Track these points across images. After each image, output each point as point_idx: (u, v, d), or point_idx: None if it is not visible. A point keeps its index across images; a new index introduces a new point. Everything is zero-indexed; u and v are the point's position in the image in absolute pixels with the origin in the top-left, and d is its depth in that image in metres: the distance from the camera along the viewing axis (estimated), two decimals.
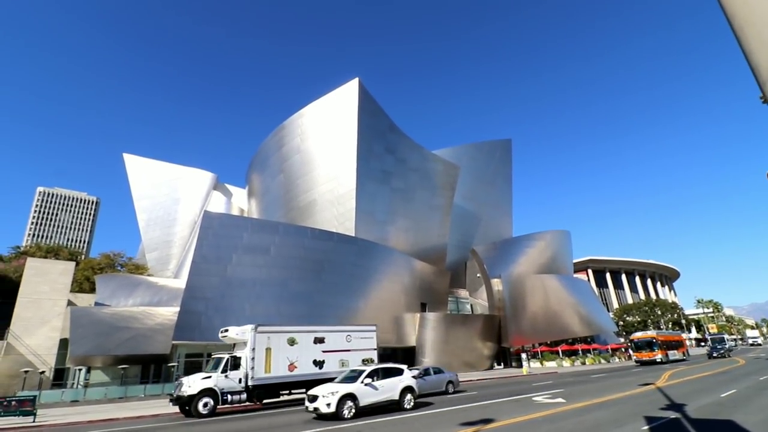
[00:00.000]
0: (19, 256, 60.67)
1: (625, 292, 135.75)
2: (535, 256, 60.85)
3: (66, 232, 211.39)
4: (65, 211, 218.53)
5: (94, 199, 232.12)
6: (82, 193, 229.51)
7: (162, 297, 46.11)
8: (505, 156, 79.76)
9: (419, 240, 54.31)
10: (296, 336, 22.67)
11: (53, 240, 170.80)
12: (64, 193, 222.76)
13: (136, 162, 70.48)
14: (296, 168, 52.68)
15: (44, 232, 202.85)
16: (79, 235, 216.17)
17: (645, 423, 11.88)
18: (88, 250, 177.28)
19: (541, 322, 53.82)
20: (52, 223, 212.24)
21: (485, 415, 14.51)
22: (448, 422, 13.62)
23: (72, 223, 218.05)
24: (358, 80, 49.02)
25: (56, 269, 40.39)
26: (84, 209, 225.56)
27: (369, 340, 26.09)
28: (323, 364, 23.08)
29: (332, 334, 24.37)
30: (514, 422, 12.96)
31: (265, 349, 21.24)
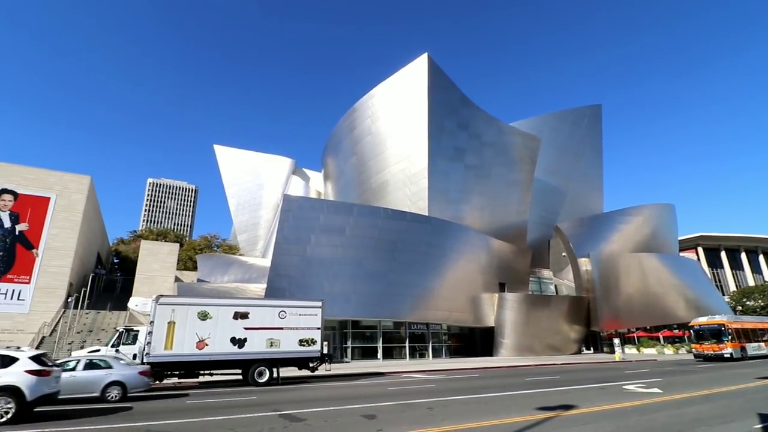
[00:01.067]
0: (136, 239, 69.69)
1: (745, 272, 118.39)
2: (631, 233, 55.15)
3: (172, 217, 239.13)
4: (171, 198, 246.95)
5: (193, 187, 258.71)
6: (183, 182, 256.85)
7: (252, 274, 49.90)
8: (594, 124, 72.65)
9: (496, 218, 51.98)
10: (210, 309, 19.81)
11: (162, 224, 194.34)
12: (169, 183, 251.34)
13: (225, 152, 76.48)
14: (368, 149, 53.00)
15: (155, 218, 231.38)
16: (183, 220, 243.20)
17: (759, 421, 9.90)
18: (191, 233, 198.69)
19: (638, 306, 48.90)
20: (161, 209, 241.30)
21: (566, 400, 13.34)
22: (523, 405, 12.73)
23: (177, 209, 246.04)
24: (427, 55, 47.40)
25: (164, 250, 45.64)
26: (186, 196, 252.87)
27: (311, 317, 22.25)
28: (244, 343, 19.94)
29: (259, 308, 21.12)
30: (597, 410, 11.70)
31: (168, 323, 18.77)
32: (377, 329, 38.05)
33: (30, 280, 36.66)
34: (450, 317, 40.67)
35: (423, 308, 38.42)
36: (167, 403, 14.98)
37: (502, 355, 41.74)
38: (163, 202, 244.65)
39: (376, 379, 23.28)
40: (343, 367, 30.53)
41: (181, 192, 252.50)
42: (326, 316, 34.95)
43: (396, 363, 34.44)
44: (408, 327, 39.02)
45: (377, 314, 36.84)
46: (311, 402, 14.16)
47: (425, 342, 40.16)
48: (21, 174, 38.40)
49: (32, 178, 38.62)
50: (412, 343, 39.18)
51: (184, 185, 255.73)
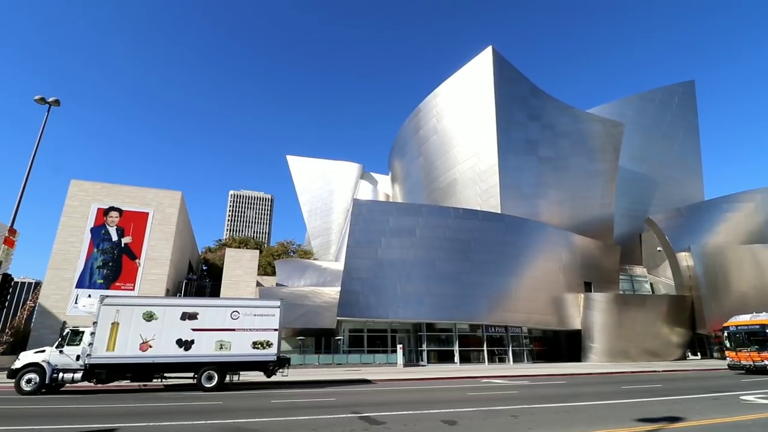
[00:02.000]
0: (221, 247, 75.45)
1: None
2: (740, 222, 48.34)
3: (252, 226, 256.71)
4: (250, 208, 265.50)
5: (270, 196, 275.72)
6: (260, 193, 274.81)
7: (326, 278, 51.46)
8: (687, 103, 65.08)
9: (577, 212, 48.38)
10: (156, 310, 18.96)
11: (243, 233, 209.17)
12: (248, 194, 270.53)
13: (297, 161, 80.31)
14: (434, 149, 52.26)
15: (236, 227, 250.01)
16: (262, 228, 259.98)
17: None
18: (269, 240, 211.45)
19: (754, 304, 42.21)
20: (242, 219, 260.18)
21: (671, 412, 11.66)
22: (621, 416, 11.29)
23: (255, 218, 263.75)
24: (491, 48, 45.76)
25: (246, 257, 48.73)
26: (263, 205, 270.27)
27: (268, 318, 20.41)
28: (191, 345, 18.82)
29: (209, 309, 19.86)
30: (710, 423, 10.03)
31: (111, 323, 18.14)
32: (453, 332, 37.07)
33: (134, 287, 40.92)
34: (530, 319, 38.45)
35: (500, 310, 36.73)
36: (253, 401, 15.62)
37: (591, 361, 38.54)
38: (243, 211, 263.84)
39: (454, 383, 22.44)
40: (410, 372, 30.09)
41: (259, 202, 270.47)
42: (399, 318, 35.40)
43: (474, 367, 33.21)
44: (485, 330, 37.50)
45: (452, 316, 35.88)
46: (391, 405, 13.89)
47: (504, 346, 38.30)
48: (124, 193, 43.24)
49: (133, 196, 43.30)
50: (490, 347, 37.56)
51: (261, 195, 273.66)
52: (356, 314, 33.97)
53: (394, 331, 37.96)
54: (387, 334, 37.72)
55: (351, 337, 37.38)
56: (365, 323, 36.84)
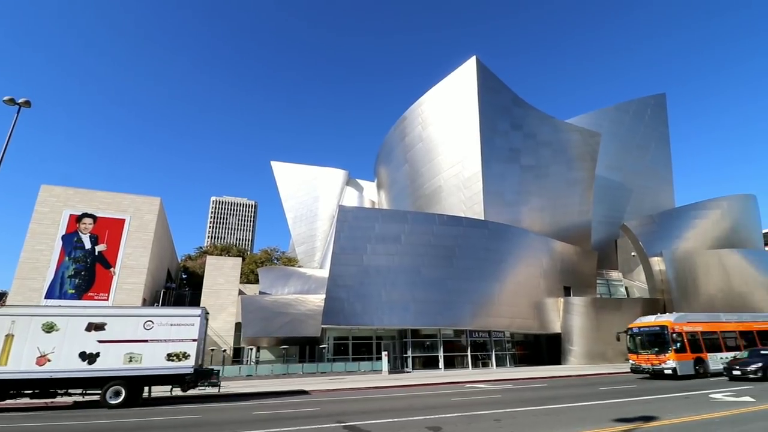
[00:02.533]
0: (202, 255, 74.44)
1: None
2: (708, 229, 50.58)
3: (234, 233, 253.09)
4: (232, 214, 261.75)
5: (253, 203, 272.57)
6: (244, 199, 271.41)
7: (311, 286, 51.48)
8: (659, 115, 67.69)
9: (557, 219, 49.82)
10: (58, 320, 17.40)
11: (225, 240, 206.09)
12: (230, 200, 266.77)
13: (281, 167, 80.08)
14: (420, 156, 53.06)
15: (218, 234, 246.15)
16: (245, 235, 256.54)
17: None
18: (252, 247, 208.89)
19: (721, 306, 44.40)
20: (224, 225, 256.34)
21: (646, 411, 12.53)
22: (598, 417, 12.04)
23: (238, 225, 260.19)
24: (475, 58, 46.90)
25: (228, 264, 48.30)
26: (246, 212, 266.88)
27: (186, 328, 18.92)
28: (96, 358, 17.33)
29: (119, 318, 18.30)
30: (681, 422, 10.86)
31: (5, 336, 16.82)
32: (437, 338, 37.68)
33: (108, 297, 39.58)
34: (513, 324, 39.37)
35: (484, 315, 37.54)
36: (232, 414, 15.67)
37: (571, 363, 39.67)
38: (225, 218, 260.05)
39: (439, 389, 22.98)
40: (395, 379, 30.49)
41: (241, 208, 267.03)
42: (384, 325, 35.81)
43: (458, 372, 33.85)
44: (469, 335, 38.24)
45: (436, 322, 36.49)
46: (376, 413, 14.28)
47: (488, 350, 39.10)
48: (99, 199, 42.15)
49: (109, 202, 42.21)
50: (474, 352, 38.32)
51: (244, 201, 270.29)
52: (341, 322, 34.23)
53: (380, 338, 38.36)
54: (372, 342, 38.08)
55: (336, 345, 37.61)
56: (350, 331, 37.14)
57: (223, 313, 43.85)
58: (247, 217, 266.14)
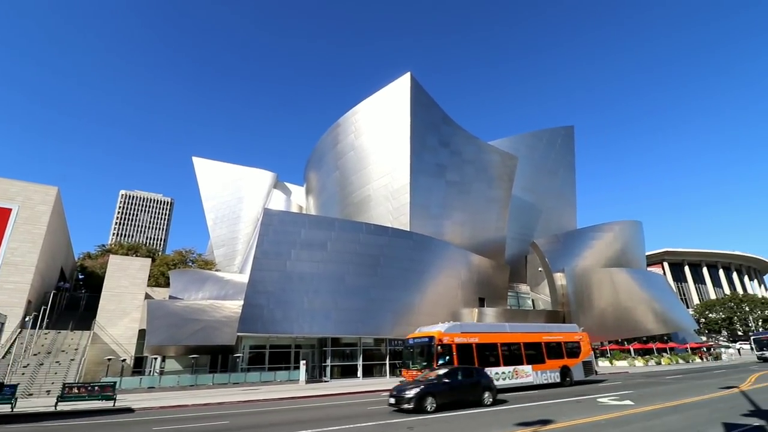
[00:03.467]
0: (104, 253, 67.18)
1: (707, 286, 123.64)
2: (602, 249, 56.98)
3: (145, 231, 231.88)
4: (144, 211, 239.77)
5: (169, 200, 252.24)
6: (158, 195, 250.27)
7: (228, 291, 48.79)
8: (567, 144, 75.41)
9: (476, 233, 52.86)
10: None
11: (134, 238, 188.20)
12: (143, 195, 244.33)
13: (204, 164, 75.28)
14: (351, 164, 53.28)
15: (126, 231, 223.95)
16: (157, 234, 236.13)
17: (723, 430, 10.48)
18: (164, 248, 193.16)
19: (610, 319, 50.31)
20: (133, 222, 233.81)
21: (544, 415, 13.68)
22: (503, 421, 12.96)
23: (150, 223, 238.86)
24: (409, 74, 48.48)
25: (134, 265, 44.01)
26: (160, 209, 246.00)
27: None
28: None
29: None
30: (574, 424, 12.04)
31: None
32: (357, 347, 37.71)
33: None
34: None
35: (404, 324, 38.28)
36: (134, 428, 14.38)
37: None
38: (135, 215, 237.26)
39: (356, 398, 22.99)
40: (312, 388, 30.02)
41: (155, 205, 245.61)
42: (305, 333, 35.02)
43: (377, 381, 34.11)
44: (389, 344, 38.81)
45: (358, 331, 36.55)
46: (289, 425, 13.91)
47: None
48: None
49: None
50: (393, 360, 38.93)
51: (159, 197, 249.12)
52: (259, 329, 32.85)
53: (299, 346, 37.44)
54: (291, 350, 37.03)
55: (252, 354, 35.94)
56: (268, 339, 35.80)
57: (125, 318, 39.72)
58: (161, 215, 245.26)
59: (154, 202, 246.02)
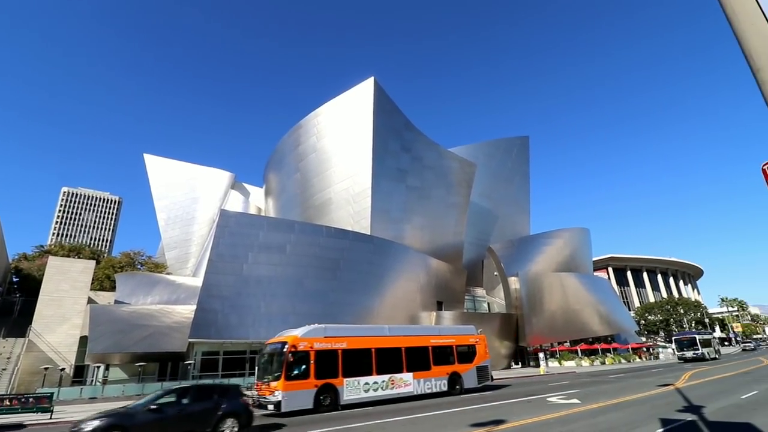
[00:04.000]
0: (42, 254, 62.45)
1: (647, 290, 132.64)
2: (553, 255, 59.75)
3: (89, 231, 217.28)
4: (89, 210, 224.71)
5: (117, 198, 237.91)
6: (105, 193, 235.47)
7: (180, 295, 46.73)
8: (523, 153, 78.59)
9: (435, 238, 53.84)
10: None
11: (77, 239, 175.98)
12: (87, 193, 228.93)
13: (157, 162, 71.71)
14: (312, 167, 52.77)
15: (68, 232, 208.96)
16: (102, 234, 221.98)
17: (660, 425, 11.43)
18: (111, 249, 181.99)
19: (560, 321, 52.84)
20: (76, 222, 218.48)
21: (497, 415, 14.21)
22: (458, 423, 13.34)
23: (95, 223, 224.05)
24: (373, 79, 48.77)
25: (77, 268, 41.24)
26: (107, 208, 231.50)
27: None
28: None
29: None
30: (525, 423, 12.62)
31: None
32: None
33: None
34: None
35: None
36: None
37: None
38: (79, 213, 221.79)
39: None
40: None
41: (101, 203, 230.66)
42: (261, 338, 34.07)
43: None
44: None
45: None
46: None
47: None
48: None
49: None
50: None
51: (105, 196, 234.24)
52: (213, 335, 31.73)
53: (254, 352, 36.40)
54: (246, 356, 35.97)
55: (204, 361, 34.55)
56: (222, 345, 34.58)
57: (65, 324, 37.04)
58: (107, 215, 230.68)
59: (100, 200, 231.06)
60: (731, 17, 4.90)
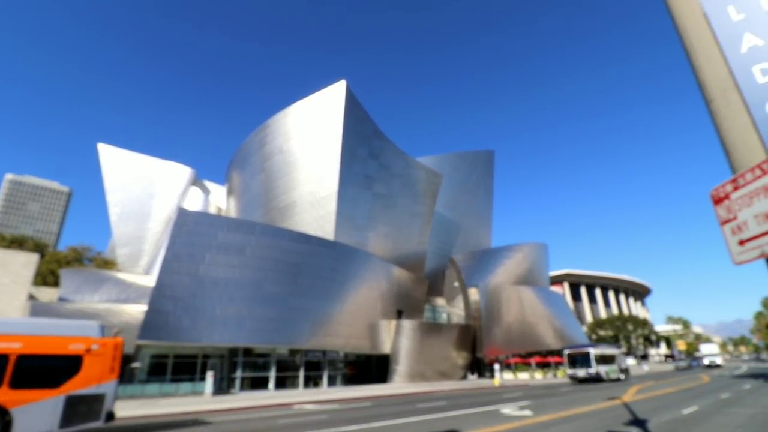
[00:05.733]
0: None
1: (599, 306, 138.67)
2: (513, 268, 61.39)
3: (34, 223, 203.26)
4: (35, 200, 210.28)
5: (66, 189, 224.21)
6: (54, 183, 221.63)
7: (130, 294, 44.43)
8: (488, 167, 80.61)
9: (399, 246, 54.09)
10: None
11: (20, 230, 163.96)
12: (34, 182, 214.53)
13: (111, 153, 67.95)
14: (278, 168, 51.82)
15: (11, 222, 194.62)
16: (48, 227, 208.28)
17: None
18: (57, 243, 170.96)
19: (516, 334, 54.20)
20: (20, 212, 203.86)
21: (452, 426, 14.34)
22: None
23: (41, 214, 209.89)
24: (345, 83, 48.66)
25: (18, 260, 38.53)
26: (54, 200, 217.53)
27: None
28: None
29: None
30: None
31: None
32: (271, 357, 36.36)
33: None
34: (348, 344, 40.56)
35: (322, 335, 37.81)
36: None
37: (395, 382, 42.59)
38: (23, 203, 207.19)
39: (266, 412, 22.16)
40: (218, 401, 28.52)
41: (49, 194, 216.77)
42: (215, 342, 32.97)
43: (289, 393, 33.11)
44: (304, 355, 37.96)
45: (273, 341, 35.26)
46: None
47: (320, 370, 39.38)
48: None
49: None
50: (307, 372, 38.11)
51: (54, 186, 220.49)
52: (163, 338, 30.27)
53: (207, 356, 35.12)
54: (197, 360, 34.61)
55: (152, 364, 32.99)
56: (173, 348, 33.15)
57: None
58: (55, 206, 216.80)
59: (48, 191, 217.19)
60: (689, 49, 5.15)
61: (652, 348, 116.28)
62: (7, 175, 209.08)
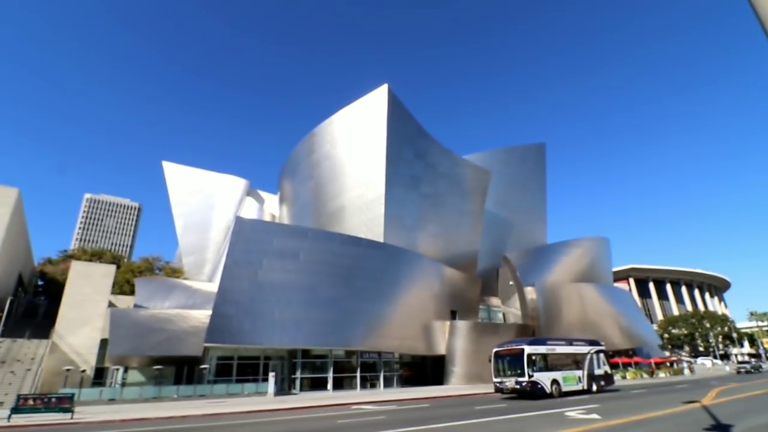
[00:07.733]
0: (66, 259, 64.13)
1: (671, 303, 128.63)
2: (571, 264, 58.51)
3: (110, 237, 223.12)
4: (110, 216, 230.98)
5: (137, 205, 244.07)
6: (125, 200, 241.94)
7: (196, 300, 47.31)
8: (539, 160, 77.59)
9: (449, 246, 53.36)
10: None
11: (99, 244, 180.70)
12: (109, 200, 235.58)
13: (174, 169, 73.12)
14: (326, 174, 53.09)
15: (91, 237, 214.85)
16: (123, 240, 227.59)
17: None
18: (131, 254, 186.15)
19: (578, 333, 51.34)
20: (98, 228, 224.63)
21: (512, 429, 13.80)
22: None
23: (116, 228, 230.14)
24: (387, 86, 48.99)
25: (98, 272, 42.23)
26: (127, 215, 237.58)
27: None
28: None
29: None
30: None
31: None
32: (328, 358, 37.15)
33: None
34: (402, 345, 40.56)
35: (376, 336, 38.10)
36: None
37: (452, 384, 41.97)
38: (101, 220, 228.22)
39: (325, 411, 22.59)
40: (280, 401, 29.37)
41: (122, 210, 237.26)
42: (275, 344, 34.28)
43: (347, 394, 33.62)
44: (360, 356, 38.40)
45: (329, 343, 36.03)
46: None
47: (377, 371, 39.63)
48: None
49: None
50: (363, 373, 38.50)
51: (126, 203, 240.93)
52: (227, 340, 31.93)
53: (268, 358, 36.55)
54: (260, 362, 36.11)
55: (219, 366, 34.83)
56: (236, 350, 34.81)
57: (86, 327, 37.85)
58: (127, 221, 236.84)
59: (121, 207, 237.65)
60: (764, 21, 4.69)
61: (734, 347, 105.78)
62: (85, 194, 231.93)
